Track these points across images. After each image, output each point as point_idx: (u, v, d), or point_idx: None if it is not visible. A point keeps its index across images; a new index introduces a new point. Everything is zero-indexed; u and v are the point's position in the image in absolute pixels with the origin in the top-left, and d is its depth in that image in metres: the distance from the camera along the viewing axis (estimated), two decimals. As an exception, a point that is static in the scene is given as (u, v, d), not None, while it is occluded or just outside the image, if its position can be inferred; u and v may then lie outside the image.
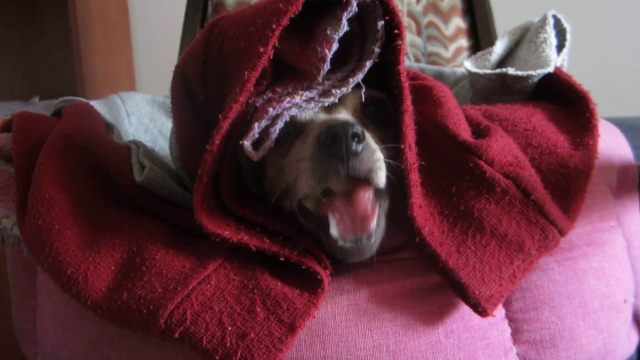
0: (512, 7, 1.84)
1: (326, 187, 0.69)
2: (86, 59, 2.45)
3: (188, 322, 0.66)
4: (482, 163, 0.71)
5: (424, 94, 0.78)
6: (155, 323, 0.66)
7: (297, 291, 0.69)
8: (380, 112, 0.78)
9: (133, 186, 0.81)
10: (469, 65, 0.94)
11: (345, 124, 0.65)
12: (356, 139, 0.65)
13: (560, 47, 0.95)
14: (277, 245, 0.70)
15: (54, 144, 0.82)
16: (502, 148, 0.72)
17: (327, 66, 0.69)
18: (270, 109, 0.67)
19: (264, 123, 0.67)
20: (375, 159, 0.68)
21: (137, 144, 0.88)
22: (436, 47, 1.76)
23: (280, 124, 0.68)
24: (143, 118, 1.27)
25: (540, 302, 0.76)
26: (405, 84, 0.71)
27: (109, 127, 0.99)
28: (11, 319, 0.97)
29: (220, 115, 0.67)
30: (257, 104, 0.72)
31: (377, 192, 0.71)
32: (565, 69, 0.98)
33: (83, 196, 0.79)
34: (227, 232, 0.70)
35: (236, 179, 0.77)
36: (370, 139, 0.70)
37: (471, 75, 0.94)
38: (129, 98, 1.28)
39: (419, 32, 1.80)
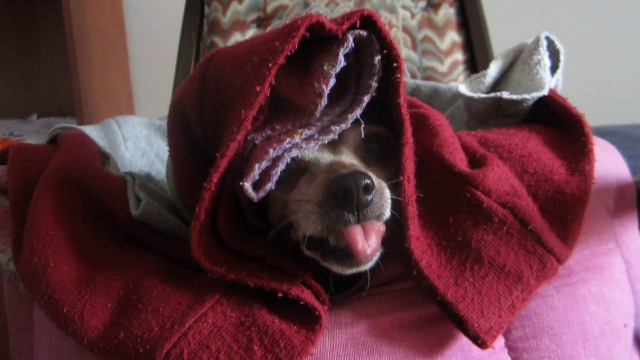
0: (507, 20, 1.84)
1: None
2: (83, 76, 2.45)
3: (185, 361, 0.65)
4: (479, 193, 0.70)
5: (420, 122, 0.78)
6: (152, 363, 0.65)
7: (295, 327, 0.68)
8: (382, 146, 0.77)
9: (129, 220, 0.80)
10: (463, 89, 0.93)
11: (355, 176, 0.65)
12: (366, 189, 0.65)
13: (554, 68, 0.94)
14: (275, 280, 0.69)
15: (49, 179, 0.81)
16: (498, 177, 0.72)
17: (324, 101, 0.68)
18: (271, 150, 0.66)
19: (264, 164, 0.67)
20: (384, 202, 0.68)
21: (133, 176, 0.87)
22: (432, 61, 1.75)
23: (281, 166, 0.67)
24: (140, 142, 1.26)
25: (539, 330, 0.75)
26: (406, 116, 0.70)
27: (104, 157, 0.98)
28: (9, 350, 0.96)
29: (217, 154, 0.67)
30: (256, 141, 0.71)
31: None
32: (559, 89, 0.98)
33: (79, 231, 0.78)
34: (225, 269, 0.69)
35: (234, 211, 0.76)
36: (377, 180, 0.69)
37: (466, 99, 0.93)
38: (125, 122, 1.27)
39: (414, 47, 1.80)
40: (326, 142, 0.69)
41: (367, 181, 0.64)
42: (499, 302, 0.68)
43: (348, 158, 0.74)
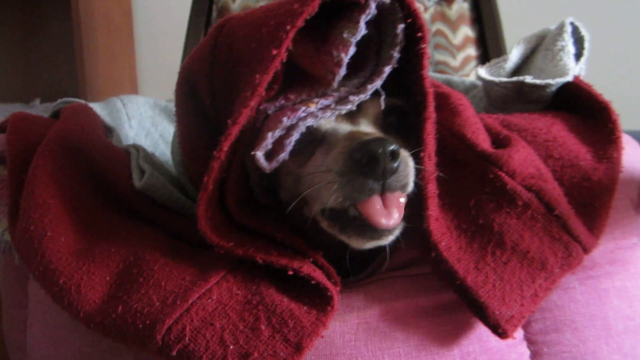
0: (521, 16, 1.80)
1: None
2: (88, 62, 2.41)
3: (187, 339, 0.61)
4: (503, 175, 0.67)
5: (440, 101, 0.74)
6: (152, 339, 0.61)
7: (305, 308, 0.64)
8: (401, 121, 0.73)
9: (132, 192, 0.76)
10: (483, 73, 0.89)
11: (382, 142, 0.60)
12: (393, 155, 0.61)
13: (578, 56, 0.91)
14: (285, 257, 0.65)
15: (49, 146, 0.77)
16: (523, 159, 0.68)
17: (343, 71, 0.64)
18: (285, 119, 0.62)
19: (277, 133, 0.63)
20: (409, 172, 0.64)
21: (137, 148, 0.83)
22: (444, 55, 1.71)
23: (296, 135, 0.63)
24: (144, 122, 1.22)
25: (561, 323, 0.71)
26: (430, 89, 0.66)
27: (108, 130, 0.94)
28: (1, 327, 0.92)
29: (229, 121, 0.63)
30: (269, 111, 0.67)
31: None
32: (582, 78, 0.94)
33: (78, 201, 0.74)
34: (232, 244, 0.65)
35: (243, 189, 0.72)
36: (402, 150, 0.65)
37: (486, 83, 0.89)
38: (130, 101, 1.23)
39: (425, 41, 1.76)
40: (344, 112, 0.65)
41: (394, 147, 0.60)
42: (521, 290, 0.64)
43: (366, 128, 0.70)
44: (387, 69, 0.65)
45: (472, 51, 1.72)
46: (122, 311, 0.63)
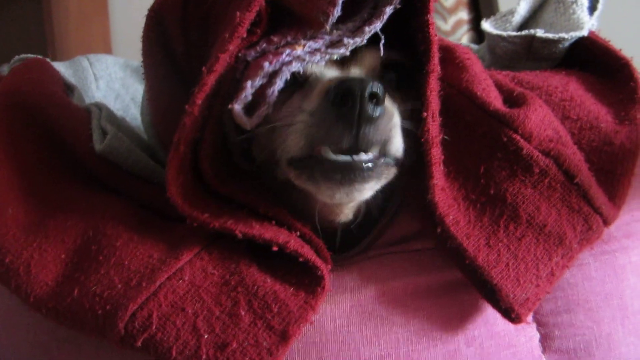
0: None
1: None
2: (59, 25, 2.25)
3: (154, 327, 0.51)
4: (518, 138, 0.57)
5: (445, 55, 0.64)
6: (113, 327, 0.52)
7: (292, 289, 0.54)
8: (401, 78, 0.63)
9: (93, 156, 0.66)
10: (487, 26, 0.80)
11: (363, 80, 0.50)
12: (374, 100, 0.50)
13: (592, 10, 0.81)
14: (269, 231, 0.56)
15: (-4, 103, 0.66)
16: (541, 120, 0.59)
17: (337, 12, 0.54)
18: (266, 64, 0.52)
19: (258, 81, 0.52)
20: (392, 127, 0.54)
21: (100, 107, 0.72)
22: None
23: (279, 84, 0.53)
24: (113, 83, 1.10)
25: (574, 303, 0.63)
26: (435, 37, 0.56)
27: (68, 88, 0.82)
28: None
29: (204, 69, 0.52)
30: (249, 58, 0.56)
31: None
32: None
33: (30, 167, 0.64)
34: (208, 215, 0.55)
35: (220, 151, 0.62)
36: (388, 101, 0.55)
37: (490, 38, 0.80)
38: (97, 60, 1.11)
39: (415, 3, 1.65)
40: (335, 57, 0.55)
41: (376, 88, 0.49)
42: (537, 269, 0.56)
43: (358, 72, 0.60)
44: (389, 9, 0.55)
45: (464, 14, 1.61)
46: (78, 295, 0.54)
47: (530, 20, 0.86)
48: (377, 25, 0.54)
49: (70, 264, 0.57)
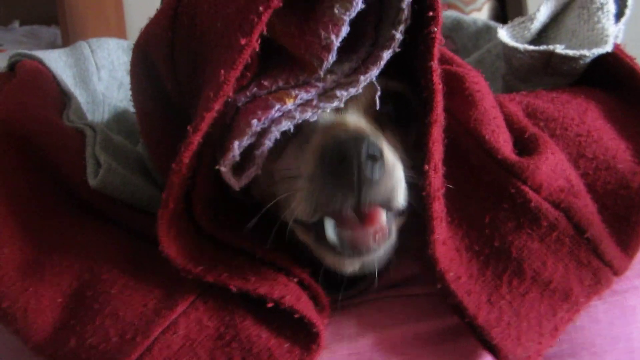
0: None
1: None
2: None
3: (148, 385, 0.51)
4: (527, 189, 0.53)
5: (453, 85, 0.59)
6: (108, 383, 0.51)
7: (287, 345, 0.53)
8: (401, 109, 0.59)
9: (88, 187, 0.63)
10: (504, 36, 0.73)
11: (358, 140, 0.47)
12: (372, 160, 0.47)
13: (618, 15, 0.74)
14: (264, 283, 0.54)
15: (-13, 134, 0.63)
16: (552, 169, 0.54)
17: (332, 57, 0.49)
18: (254, 122, 0.48)
19: (245, 141, 0.49)
20: (394, 183, 0.51)
21: (95, 129, 0.69)
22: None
23: (268, 144, 0.49)
24: (116, 71, 1.06)
25: (578, 347, 0.61)
26: (439, 86, 0.51)
27: (66, 97, 0.79)
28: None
29: (189, 128, 0.49)
30: (239, 103, 0.53)
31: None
32: (619, 41, 0.78)
33: (24, 201, 0.61)
34: (202, 268, 0.53)
35: (216, 184, 0.59)
36: (389, 154, 0.51)
37: (507, 49, 0.73)
38: (99, 47, 1.05)
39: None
40: (328, 110, 0.51)
41: (374, 149, 0.47)
42: (540, 327, 0.54)
43: (354, 119, 0.56)
44: (386, 54, 0.50)
45: (484, -19, 1.51)
46: (75, 345, 0.53)
47: (551, 24, 0.79)
48: (374, 73, 0.50)
49: (67, 309, 0.56)
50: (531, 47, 0.70)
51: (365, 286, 0.61)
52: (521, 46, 0.71)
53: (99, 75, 1.02)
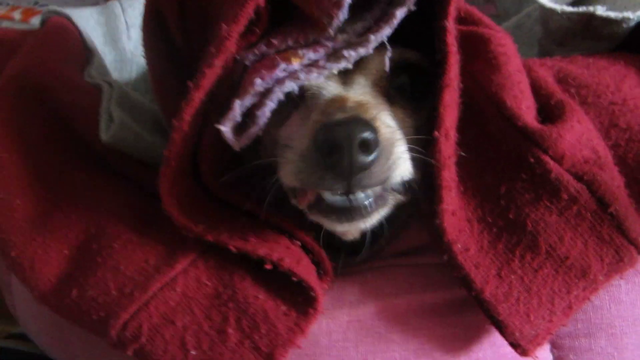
0: None
1: None
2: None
3: (144, 338, 0.51)
4: (547, 159, 0.49)
5: (476, 48, 0.54)
6: (106, 334, 0.51)
7: (284, 308, 0.52)
8: (416, 80, 0.55)
9: (101, 143, 0.63)
10: (543, -3, 0.67)
11: (351, 125, 0.44)
12: (365, 146, 0.45)
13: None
14: (265, 244, 0.53)
15: (5, 88, 0.63)
16: (577, 138, 0.50)
17: (343, 15, 0.46)
18: (257, 80, 0.46)
19: (247, 101, 0.47)
20: (392, 163, 0.48)
21: (112, 84, 0.68)
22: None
23: (270, 105, 0.47)
24: (147, 30, 1.05)
25: (596, 327, 0.57)
26: (452, 48, 0.47)
27: (89, 54, 0.79)
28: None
29: (190, 83, 0.47)
30: (247, 62, 0.50)
31: None
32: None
33: (39, 155, 0.62)
34: (202, 227, 0.52)
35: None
36: (387, 131, 0.49)
37: (544, 11, 0.68)
38: (130, 6, 1.05)
39: None
40: (335, 72, 0.48)
41: (367, 135, 0.44)
42: (552, 304, 0.50)
43: (359, 93, 0.53)
44: (400, 13, 0.46)
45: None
46: (76, 296, 0.54)
47: (595, -16, 0.72)
48: (385, 33, 0.46)
49: (72, 260, 0.56)
50: (570, 9, 0.64)
51: (372, 253, 0.59)
52: (559, 7, 0.65)
53: (129, 34, 1.01)
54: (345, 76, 0.54)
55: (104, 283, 0.53)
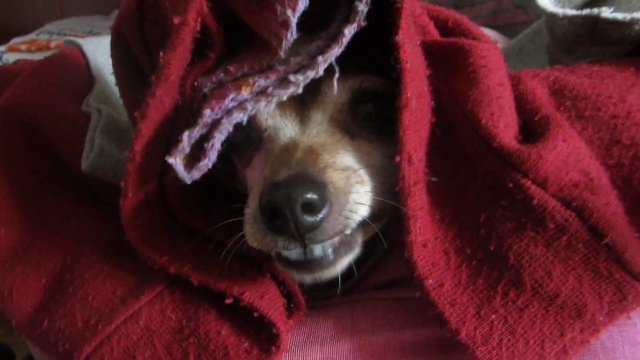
0: None
1: None
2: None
3: (104, 374, 0.49)
4: (528, 184, 0.43)
5: (455, 61, 0.49)
6: (71, 367, 0.50)
7: (246, 344, 0.48)
8: (381, 108, 0.51)
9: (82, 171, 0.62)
10: (544, 1, 0.61)
11: (290, 189, 0.42)
12: (310, 207, 0.42)
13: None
14: (227, 277, 0.49)
15: (-5, 119, 0.64)
16: (563, 159, 0.43)
17: (291, 35, 0.42)
18: (207, 111, 0.44)
19: (196, 132, 0.44)
20: (347, 212, 0.45)
21: (102, 111, 0.68)
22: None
23: (219, 138, 0.44)
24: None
25: (606, 372, 0.50)
26: (406, 64, 0.42)
27: (91, 80, 0.79)
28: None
29: (136, 114, 0.45)
30: (205, 89, 0.48)
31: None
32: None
33: (25, 185, 0.62)
34: (166, 258, 0.50)
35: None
36: (339, 179, 0.45)
37: (548, 15, 0.61)
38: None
39: None
40: (284, 98, 0.44)
41: (309, 196, 0.41)
42: (542, 348, 0.43)
43: (314, 132, 0.49)
44: (348, 31, 0.42)
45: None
46: (46, 328, 0.52)
47: (609, -15, 0.64)
48: (334, 53, 0.42)
49: (48, 290, 0.55)
50: (572, 12, 0.58)
51: (351, 285, 0.54)
52: (560, 11, 0.59)
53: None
54: (302, 111, 0.51)
55: (72, 314, 0.52)
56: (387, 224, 0.51)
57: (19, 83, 0.68)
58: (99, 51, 0.91)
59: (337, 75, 0.43)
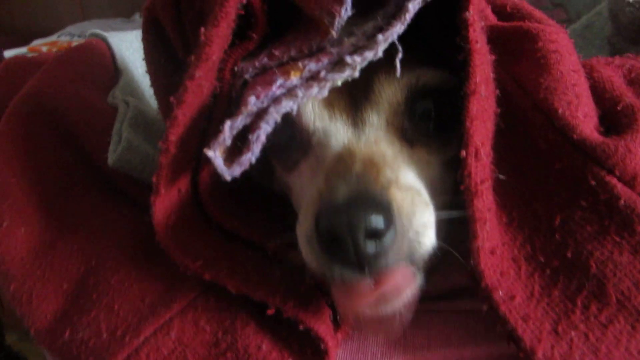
0: None
1: None
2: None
3: (132, 391, 0.44)
4: (614, 181, 0.38)
5: (521, 46, 0.44)
6: (95, 382, 0.45)
7: (289, 360, 0.43)
8: (442, 106, 0.46)
9: (108, 166, 0.58)
10: (610, -15, 0.56)
11: (352, 212, 0.37)
12: (376, 233, 0.37)
13: None
14: (268, 284, 0.44)
15: (17, 109, 0.60)
16: (656, 153, 0.38)
17: (345, 11, 0.38)
18: (252, 99, 0.39)
19: (240, 122, 0.39)
20: (414, 235, 0.39)
21: (129, 103, 0.64)
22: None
23: (265, 128, 0.39)
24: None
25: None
26: (476, 45, 0.37)
27: (117, 72, 0.75)
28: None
29: (172, 99, 0.40)
30: (247, 76, 0.43)
31: None
32: None
33: (47, 179, 0.58)
34: (200, 263, 0.45)
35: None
36: (405, 197, 0.40)
37: (613, 2, 0.56)
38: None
39: None
40: (339, 83, 0.39)
41: (374, 221, 0.36)
42: (627, 368, 0.38)
43: (372, 139, 0.44)
44: (413, 6, 0.37)
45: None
46: (68, 338, 0.48)
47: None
48: (396, 30, 0.37)
49: (70, 296, 0.51)
50: (644, -4, 0.52)
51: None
52: (631, -5, 0.53)
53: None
54: (355, 112, 0.45)
55: (96, 324, 0.47)
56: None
57: (44, 70, 0.64)
58: (123, 45, 0.87)
59: (400, 55, 0.38)
